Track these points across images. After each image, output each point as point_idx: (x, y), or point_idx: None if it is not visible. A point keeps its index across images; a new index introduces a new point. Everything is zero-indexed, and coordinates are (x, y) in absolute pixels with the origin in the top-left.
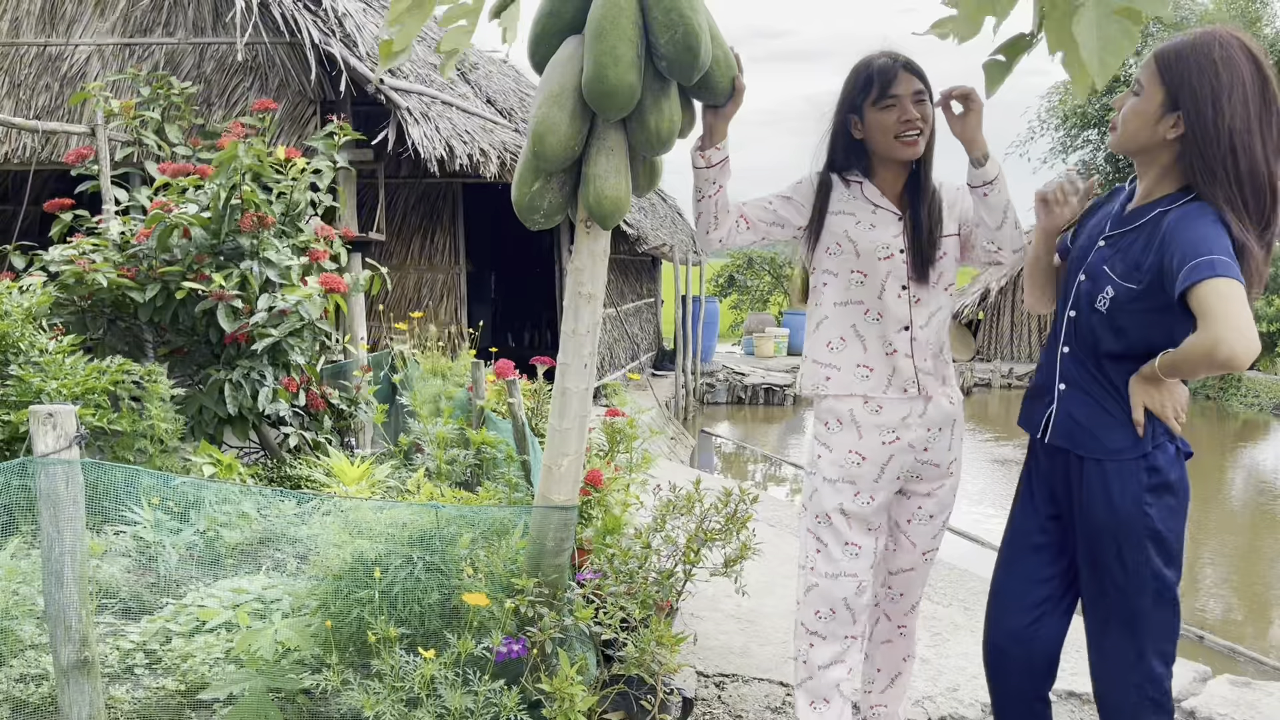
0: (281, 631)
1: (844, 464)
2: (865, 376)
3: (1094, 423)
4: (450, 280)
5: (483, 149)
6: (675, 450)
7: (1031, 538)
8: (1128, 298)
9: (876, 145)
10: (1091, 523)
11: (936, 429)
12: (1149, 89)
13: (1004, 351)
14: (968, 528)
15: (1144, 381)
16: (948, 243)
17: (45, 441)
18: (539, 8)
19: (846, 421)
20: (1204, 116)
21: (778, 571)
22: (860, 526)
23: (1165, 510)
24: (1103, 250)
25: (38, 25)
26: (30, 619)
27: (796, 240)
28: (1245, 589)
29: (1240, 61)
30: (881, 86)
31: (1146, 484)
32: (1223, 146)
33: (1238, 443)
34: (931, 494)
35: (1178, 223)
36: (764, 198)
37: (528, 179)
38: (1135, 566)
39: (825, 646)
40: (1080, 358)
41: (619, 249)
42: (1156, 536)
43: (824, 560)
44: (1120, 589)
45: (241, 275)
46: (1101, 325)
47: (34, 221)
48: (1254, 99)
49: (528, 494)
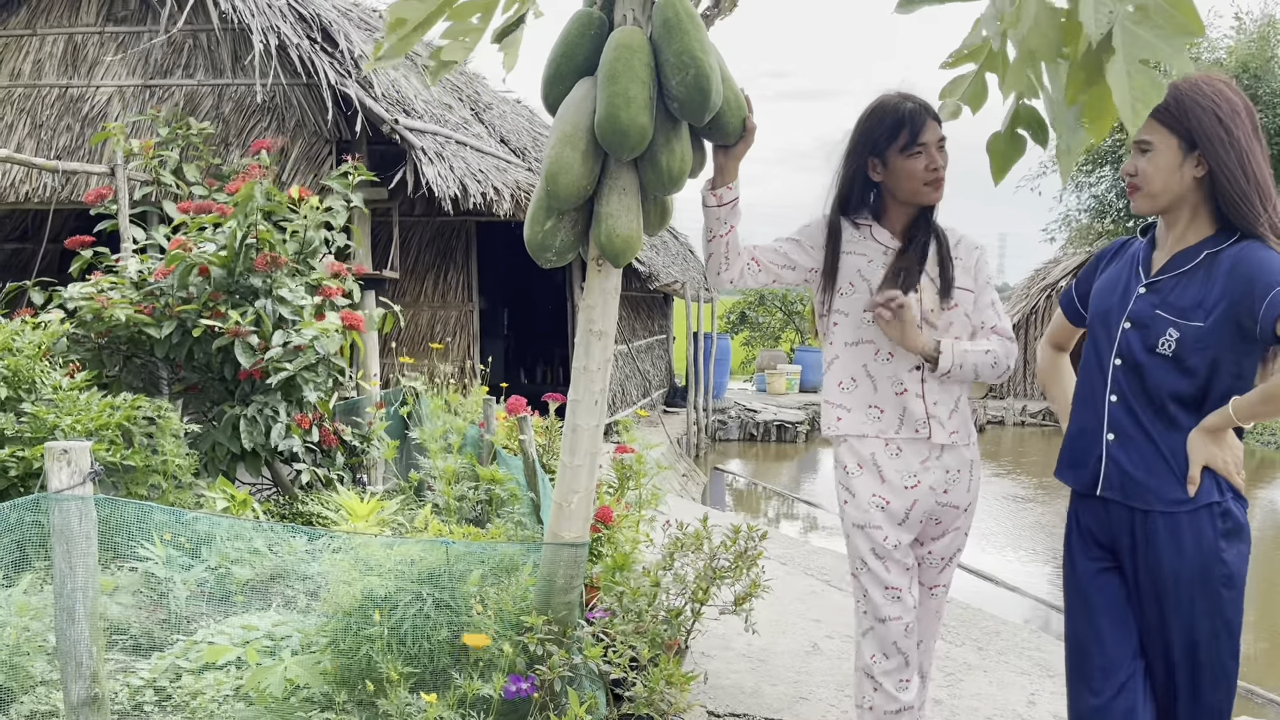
0: (291, 669)
1: (869, 508)
2: (876, 418)
3: (1151, 474)
4: (463, 317)
5: (496, 188)
6: (687, 487)
7: (1103, 596)
8: (1195, 336)
9: (900, 190)
10: (1161, 574)
11: (956, 471)
12: (1159, 141)
13: (1017, 389)
14: (982, 566)
15: (1207, 435)
16: (962, 296)
17: (60, 478)
18: (553, 49)
19: (868, 465)
20: (1222, 145)
21: (789, 610)
22: (897, 568)
23: (1237, 556)
24: (1147, 297)
25: (60, 67)
26: (41, 655)
27: (808, 283)
28: (1263, 630)
29: (1226, 93)
30: (912, 134)
31: (1221, 529)
32: (1246, 170)
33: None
34: (944, 535)
35: (1241, 258)
36: (774, 242)
37: (540, 217)
38: (1211, 616)
39: (887, 691)
40: (1132, 406)
41: (631, 286)
42: (1230, 583)
43: (870, 605)
44: (1198, 643)
45: (256, 313)
46: (1166, 368)
47: (53, 259)
48: (1248, 122)
49: (536, 531)
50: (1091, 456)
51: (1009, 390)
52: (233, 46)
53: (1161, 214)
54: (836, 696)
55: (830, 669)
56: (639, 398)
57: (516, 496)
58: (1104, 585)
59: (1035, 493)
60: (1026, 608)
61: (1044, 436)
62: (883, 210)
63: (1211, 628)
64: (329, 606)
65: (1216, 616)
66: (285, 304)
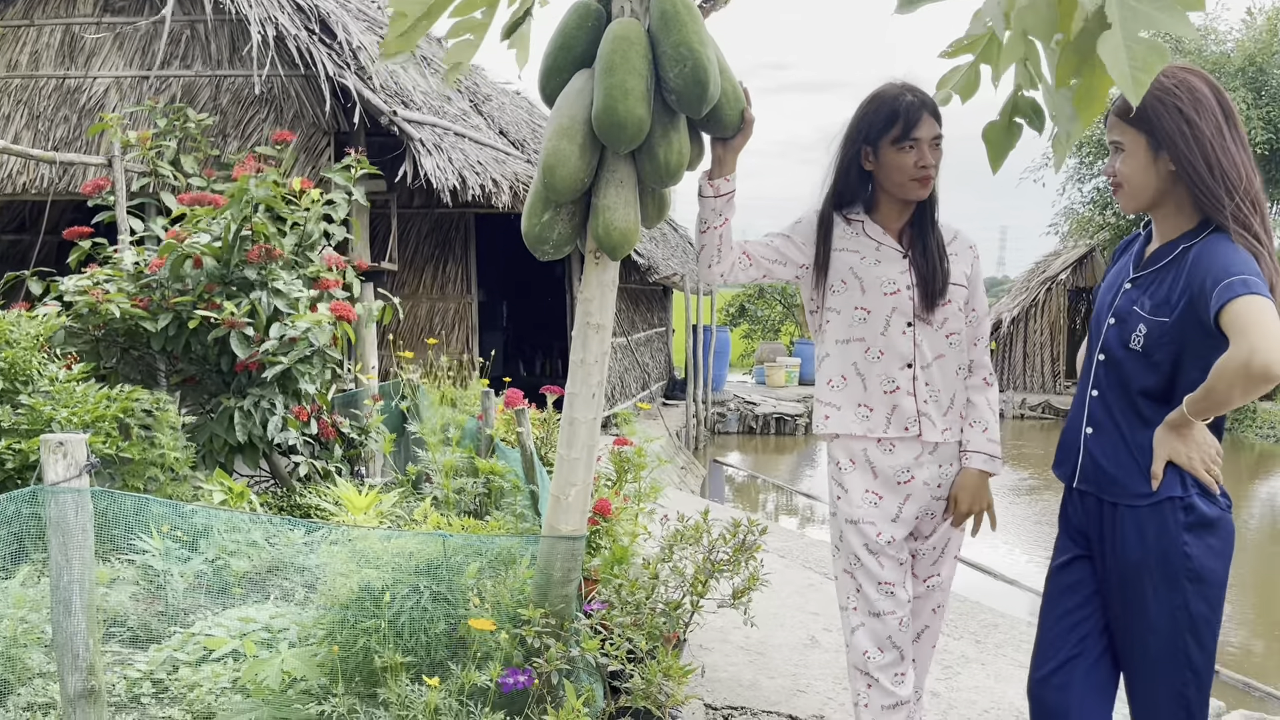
0: (288, 661)
1: (862, 504)
2: (865, 417)
3: (1120, 467)
4: (462, 309)
5: (495, 180)
6: (685, 480)
7: (1064, 580)
8: (1160, 331)
9: (888, 182)
10: (1125, 565)
11: (950, 466)
12: (1129, 141)
13: (1017, 382)
14: (978, 559)
15: (1170, 431)
16: (955, 291)
17: (56, 470)
18: (550, 41)
19: (860, 462)
20: (1184, 139)
21: (787, 603)
22: (891, 563)
23: (1205, 549)
24: (1130, 292)
25: (57, 58)
26: (38, 647)
27: (799, 280)
28: (1261, 623)
29: (1191, 82)
30: (905, 127)
31: (1184, 522)
32: (1210, 161)
33: (1254, 474)
34: (936, 530)
35: (1203, 251)
36: (765, 237)
37: (538, 210)
38: (1174, 609)
39: (883, 686)
40: (1108, 401)
41: (630, 278)
42: (1196, 577)
43: (863, 601)
44: (1157, 632)
45: (251, 304)
46: (1136, 363)
47: (50, 251)
48: (1216, 111)
49: (535, 523)
50: (1074, 449)
51: (1008, 384)
52: (231, 37)
53: (1148, 210)
54: (834, 689)
55: (828, 662)
56: (638, 390)
57: (518, 488)
58: (1066, 571)
59: (1033, 485)
60: (1025, 601)
61: (1043, 429)
62: (875, 204)
63: (1174, 620)
64: (326, 599)
65: (1179, 609)
66: (281, 296)
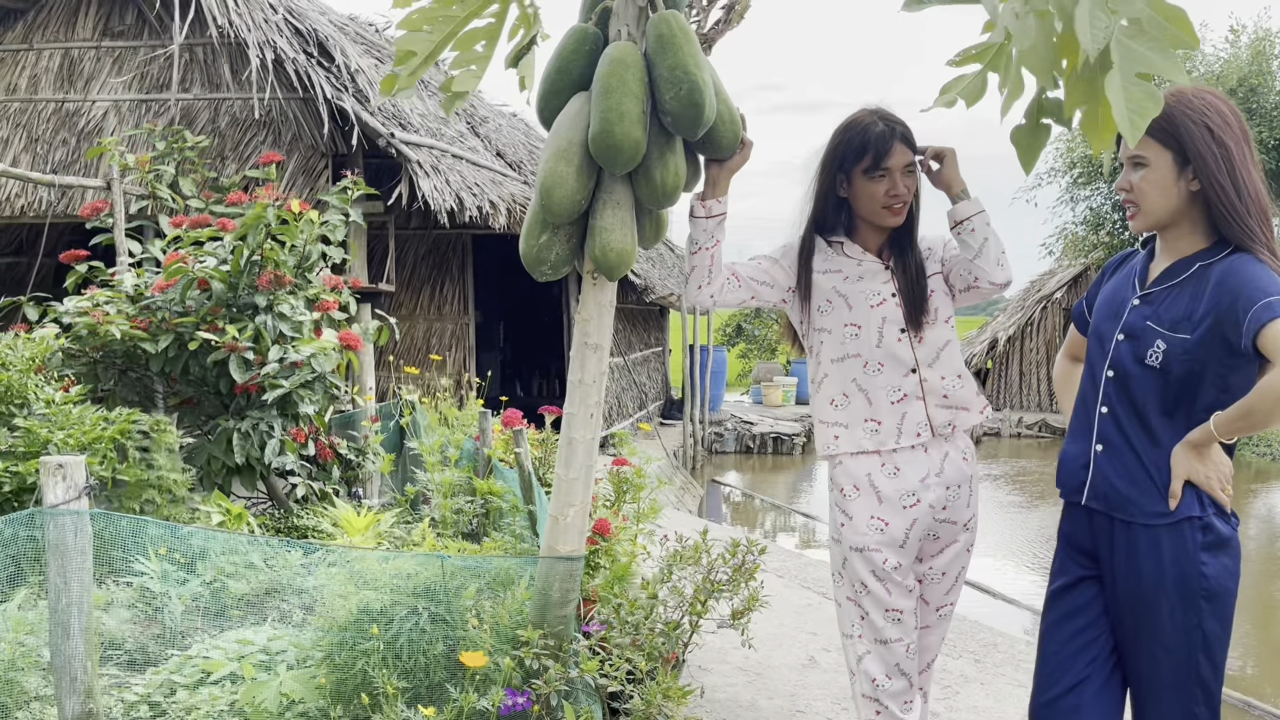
0: (286, 684)
1: (868, 531)
2: (875, 430)
3: (1134, 485)
4: (459, 330)
5: (492, 201)
6: (683, 500)
7: (1070, 602)
8: (1182, 349)
9: (861, 210)
10: (1140, 585)
11: (955, 487)
12: (1154, 156)
13: (1013, 401)
14: (979, 579)
15: (1190, 450)
16: (933, 280)
17: (55, 492)
18: (547, 65)
19: (864, 487)
20: (1214, 159)
21: (786, 623)
22: (899, 589)
23: (1221, 569)
24: (1140, 309)
25: (56, 82)
26: (36, 670)
27: (785, 304)
28: (1260, 641)
29: (1217, 105)
30: (875, 158)
31: (1202, 542)
32: (1238, 183)
33: (1252, 492)
34: (944, 551)
35: (1228, 271)
36: (752, 259)
37: (535, 231)
38: (1189, 628)
39: (892, 713)
40: (1119, 417)
41: (627, 298)
42: (1212, 596)
43: (869, 628)
44: (1170, 652)
45: (256, 329)
46: (1152, 380)
47: (48, 274)
48: (1239, 133)
49: (533, 544)
50: (1080, 466)
51: (1005, 402)
52: (229, 60)
53: (1161, 228)
54: (833, 710)
55: (827, 682)
56: (635, 410)
57: (517, 508)
58: (1071, 593)
59: (1032, 504)
60: (1024, 620)
61: (1040, 448)
62: (854, 228)
63: (1188, 639)
64: (324, 621)
65: (1194, 629)
66: (285, 320)
